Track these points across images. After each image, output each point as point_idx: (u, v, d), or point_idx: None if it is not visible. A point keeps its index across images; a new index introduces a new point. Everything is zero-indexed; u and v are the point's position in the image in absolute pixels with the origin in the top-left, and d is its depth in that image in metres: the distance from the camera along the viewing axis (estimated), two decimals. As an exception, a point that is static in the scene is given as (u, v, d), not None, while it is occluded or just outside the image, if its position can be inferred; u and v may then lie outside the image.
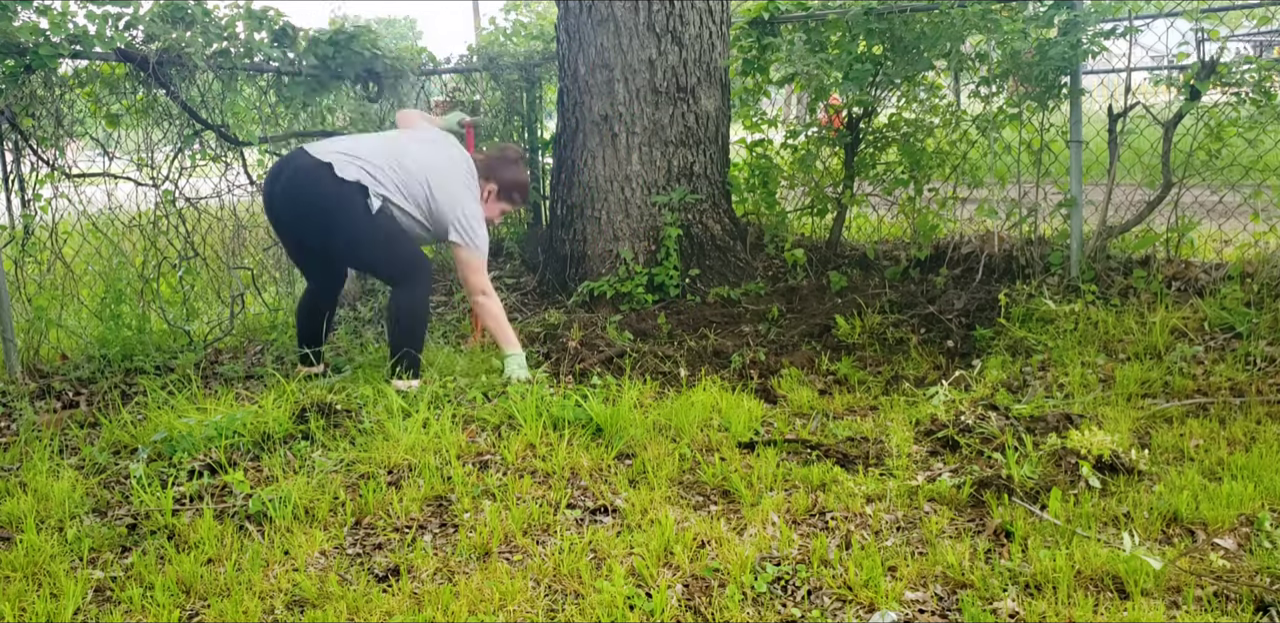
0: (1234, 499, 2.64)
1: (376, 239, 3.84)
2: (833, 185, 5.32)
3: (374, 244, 3.85)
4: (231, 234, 5.21)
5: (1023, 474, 2.81)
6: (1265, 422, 3.20)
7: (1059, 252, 4.49)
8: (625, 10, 4.98)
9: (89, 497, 3.00)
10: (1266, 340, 3.72)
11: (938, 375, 3.90)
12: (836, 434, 3.32)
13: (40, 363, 4.36)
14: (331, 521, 2.79)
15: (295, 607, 2.35)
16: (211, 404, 3.61)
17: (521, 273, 5.77)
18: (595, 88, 5.09)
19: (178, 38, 4.53)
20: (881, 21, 4.68)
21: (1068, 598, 2.22)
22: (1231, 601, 2.20)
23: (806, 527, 2.68)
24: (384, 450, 3.19)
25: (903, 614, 2.22)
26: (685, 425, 3.35)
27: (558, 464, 3.08)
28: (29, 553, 2.59)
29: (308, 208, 3.81)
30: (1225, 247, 4.69)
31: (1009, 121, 4.57)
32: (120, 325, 4.45)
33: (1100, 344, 3.88)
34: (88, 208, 4.69)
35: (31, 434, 3.49)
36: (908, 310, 4.47)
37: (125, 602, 2.38)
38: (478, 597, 2.32)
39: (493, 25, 6.56)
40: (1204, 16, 4.18)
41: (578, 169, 5.21)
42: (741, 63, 5.25)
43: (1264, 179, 4.39)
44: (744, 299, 4.93)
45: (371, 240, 3.83)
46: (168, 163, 4.91)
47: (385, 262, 3.95)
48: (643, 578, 2.40)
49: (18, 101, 4.31)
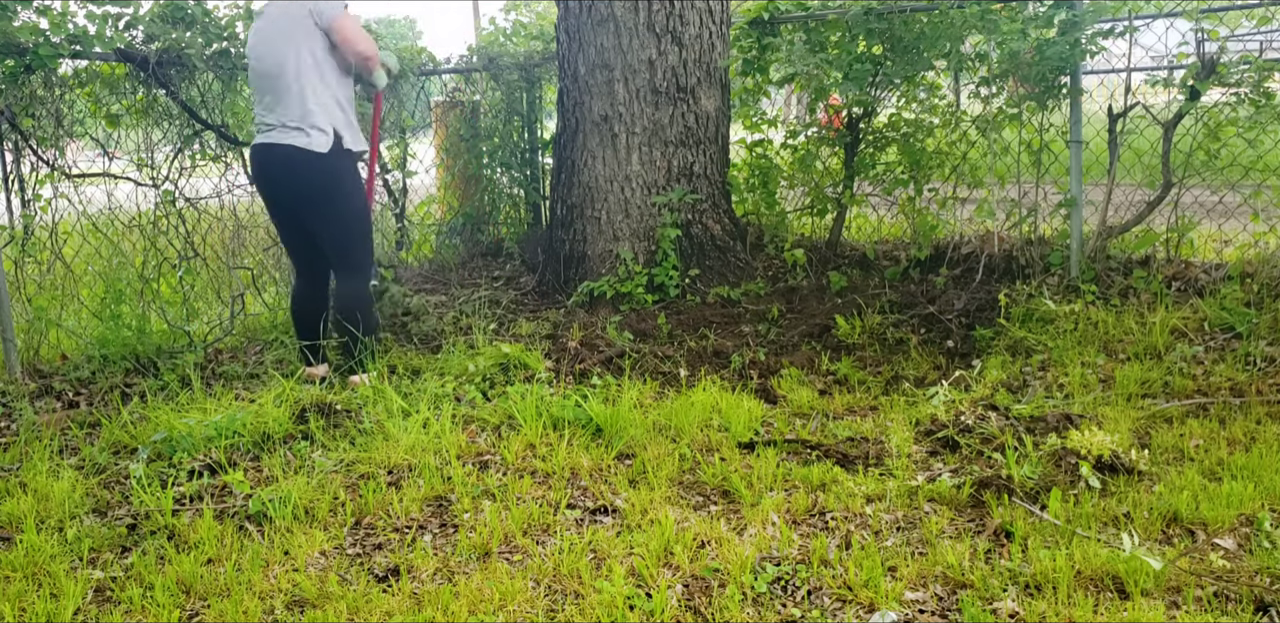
0: (1234, 499, 2.64)
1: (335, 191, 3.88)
2: (832, 185, 5.32)
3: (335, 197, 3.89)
4: (231, 234, 5.21)
5: (1023, 474, 2.82)
6: (1265, 422, 3.19)
7: (1059, 252, 4.49)
8: (625, 10, 4.98)
9: (89, 497, 3.00)
10: (1266, 340, 3.72)
11: (938, 376, 3.90)
12: (836, 434, 3.32)
13: (40, 363, 4.36)
14: (331, 521, 2.79)
15: (295, 607, 2.35)
16: (211, 404, 3.62)
17: (521, 273, 5.77)
18: (595, 88, 5.09)
19: (178, 38, 4.54)
20: (881, 21, 4.68)
21: (1068, 598, 2.22)
22: (1231, 601, 2.20)
23: (806, 527, 2.68)
24: (384, 451, 3.19)
25: (903, 614, 2.22)
26: (685, 426, 3.35)
27: (558, 464, 3.08)
28: (29, 553, 2.59)
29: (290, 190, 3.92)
30: (1225, 247, 4.70)
31: (1009, 122, 4.57)
32: (120, 325, 4.45)
33: (1100, 344, 3.88)
34: (88, 208, 4.69)
35: (31, 434, 3.49)
36: (908, 310, 4.47)
37: (125, 602, 2.38)
38: (478, 597, 2.32)
39: (493, 25, 6.56)
40: (1204, 16, 4.18)
41: (578, 169, 5.21)
42: (741, 63, 5.25)
43: (1264, 179, 4.39)
44: (744, 299, 4.93)
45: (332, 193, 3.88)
46: (168, 163, 4.91)
47: (340, 221, 3.94)
48: (643, 578, 2.40)
49: (18, 102, 4.31)
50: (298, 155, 3.82)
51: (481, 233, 6.37)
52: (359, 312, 3.98)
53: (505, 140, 6.31)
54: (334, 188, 3.89)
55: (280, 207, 4.03)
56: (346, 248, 3.98)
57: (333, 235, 3.96)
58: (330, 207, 3.91)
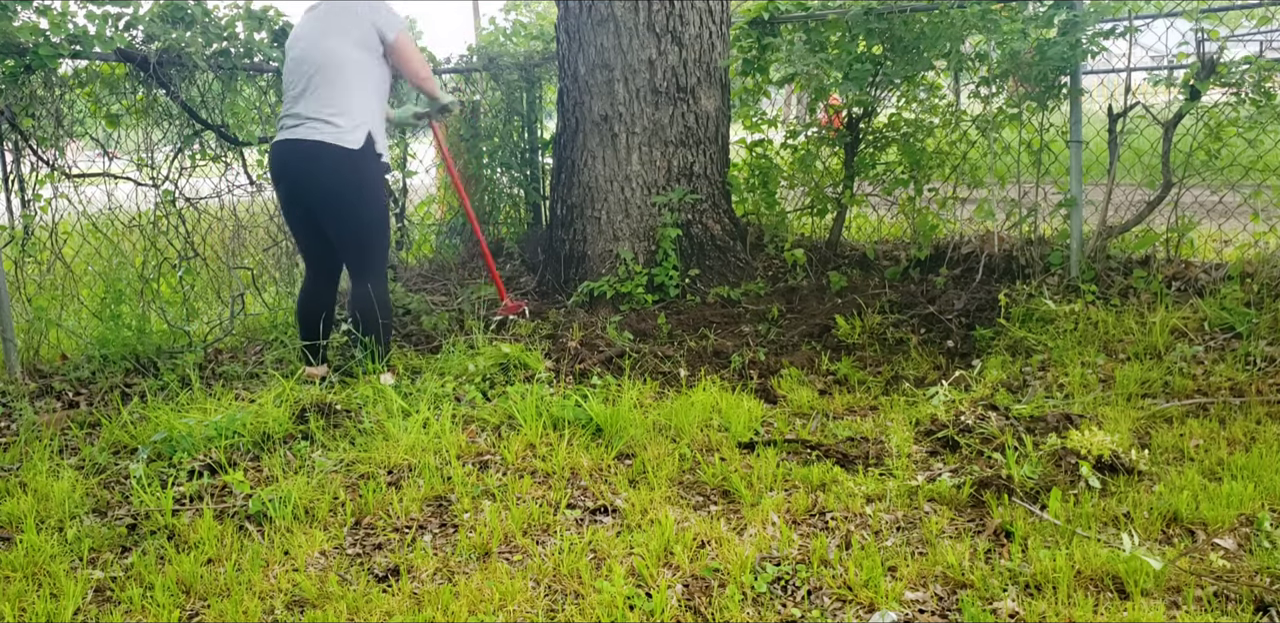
0: (1234, 499, 2.64)
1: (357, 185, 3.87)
2: (833, 185, 5.32)
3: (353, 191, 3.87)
4: (231, 234, 5.21)
5: (1023, 474, 2.82)
6: (1265, 422, 3.19)
7: (1059, 252, 4.49)
8: (625, 10, 4.98)
9: (89, 497, 3.00)
10: (1266, 340, 3.72)
11: (938, 375, 3.90)
12: (836, 434, 3.32)
13: (40, 363, 4.36)
14: (331, 521, 2.79)
15: (295, 607, 2.35)
16: (211, 404, 3.61)
17: (521, 273, 5.77)
18: (595, 88, 5.09)
19: (178, 38, 4.53)
20: (881, 21, 4.68)
21: (1068, 598, 2.22)
22: (1231, 601, 2.20)
23: (806, 527, 2.68)
24: (384, 450, 3.19)
25: (903, 614, 2.22)
26: (685, 425, 3.35)
27: (558, 464, 3.08)
28: (29, 553, 2.59)
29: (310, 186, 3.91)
30: (1225, 247, 4.69)
31: (1009, 122, 4.57)
32: (120, 325, 4.45)
33: (1100, 344, 3.88)
34: (88, 208, 4.69)
35: (31, 434, 3.49)
36: (908, 310, 4.47)
37: (125, 602, 2.38)
38: (478, 597, 2.32)
39: (493, 25, 6.56)
40: (1204, 16, 4.18)
41: (578, 169, 5.21)
42: (741, 63, 5.25)
43: (1264, 179, 4.39)
44: (744, 299, 4.93)
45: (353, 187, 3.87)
46: (168, 163, 4.91)
47: (356, 219, 3.90)
48: (643, 578, 2.40)
49: (18, 102, 4.31)
50: (325, 151, 3.77)
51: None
52: (378, 312, 3.95)
53: (505, 140, 6.31)
54: (359, 187, 3.84)
55: (299, 205, 3.95)
56: (364, 250, 3.93)
57: (352, 236, 3.91)
58: (352, 207, 3.85)
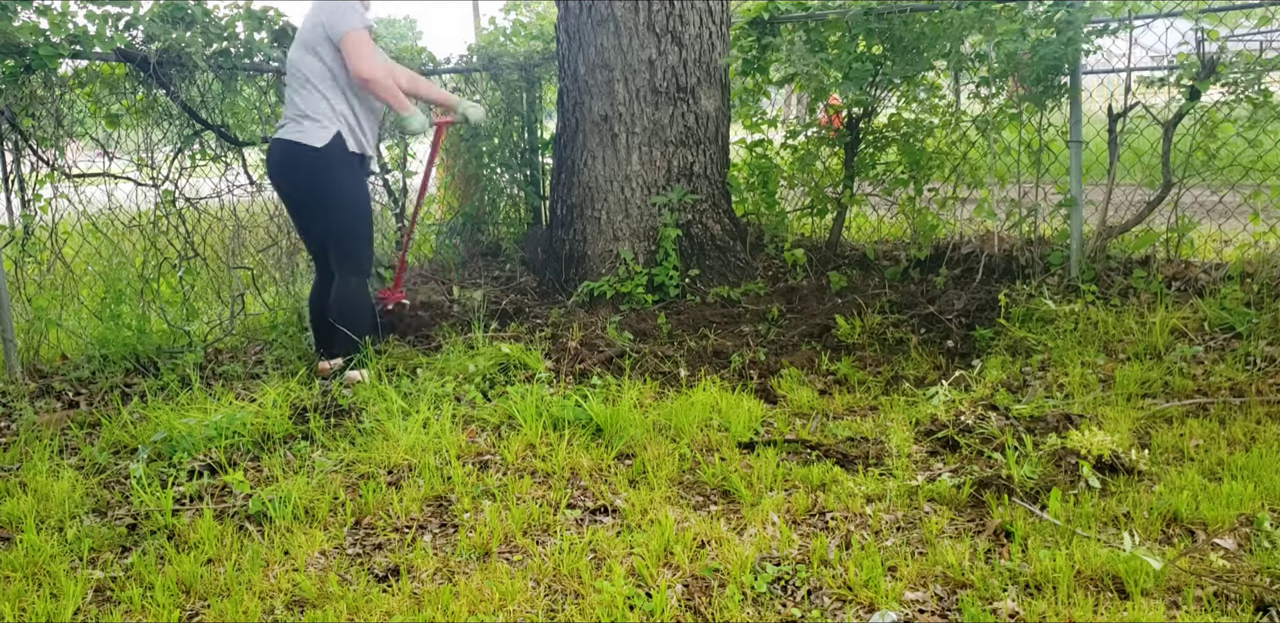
0: (1234, 499, 2.64)
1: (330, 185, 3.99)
2: (832, 185, 5.32)
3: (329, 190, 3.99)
4: (231, 234, 5.21)
5: (1023, 474, 2.82)
6: (1265, 422, 3.19)
7: (1059, 252, 4.49)
8: (625, 10, 4.98)
9: (89, 497, 3.00)
10: (1266, 340, 3.72)
11: (938, 375, 3.90)
12: (836, 434, 3.32)
13: (40, 363, 4.36)
14: (331, 521, 2.79)
15: (295, 607, 2.35)
16: (211, 404, 3.61)
17: (521, 273, 5.77)
18: (595, 88, 5.09)
19: (178, 38, 4.53)
20: (881, 21, 4.68)
21: (1068, 598, 2.22)
22: (1231, 601, 2.20)
23: (806, 527, 2.68)
24: (384, 450, 3.19)
25: (903, 614, 2.22)
26: (685, 425, 3.35)
27: (558, 464, 3.08)
28: (29, 553, 2.59)
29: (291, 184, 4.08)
30: (1225, 247, 4.69)
31: (1009, 122, 4.57)
32: (120, 325, 4.45)
33: (1100, 344, 3.88)
34: (88, 208, 4.69)
35: (31, 434, 3.49)
36: (908, 310, 4.47)
37: (125, 602, 2.38)
38: (478, 597, 2.32)
39: (493, 25, 6.56)
40: (1204, 16, 4.18)
41: (578, 169, 5.21)
42: (741, 63, 5.25)
43: (1264, 179, 4.39)
44: (744, 299, 4.93)
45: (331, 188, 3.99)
46: (168, 163, 4.90)
47: (338, 219, 4.03)
48: (643, 578, 2.40)
49: (18, 102, 4.31)
50: (292, 149, 3.97)
51: (481, 233, 6.38)
52: (355, 308, 4.08)
53: (505, 140, 6.32)
54: (325, 184, 4.00)
55: (287, 201, 4.19)
56: (344, 245, 4.09)
57: (330, 231, 4.09)
58: (321, 204, 4.03)
